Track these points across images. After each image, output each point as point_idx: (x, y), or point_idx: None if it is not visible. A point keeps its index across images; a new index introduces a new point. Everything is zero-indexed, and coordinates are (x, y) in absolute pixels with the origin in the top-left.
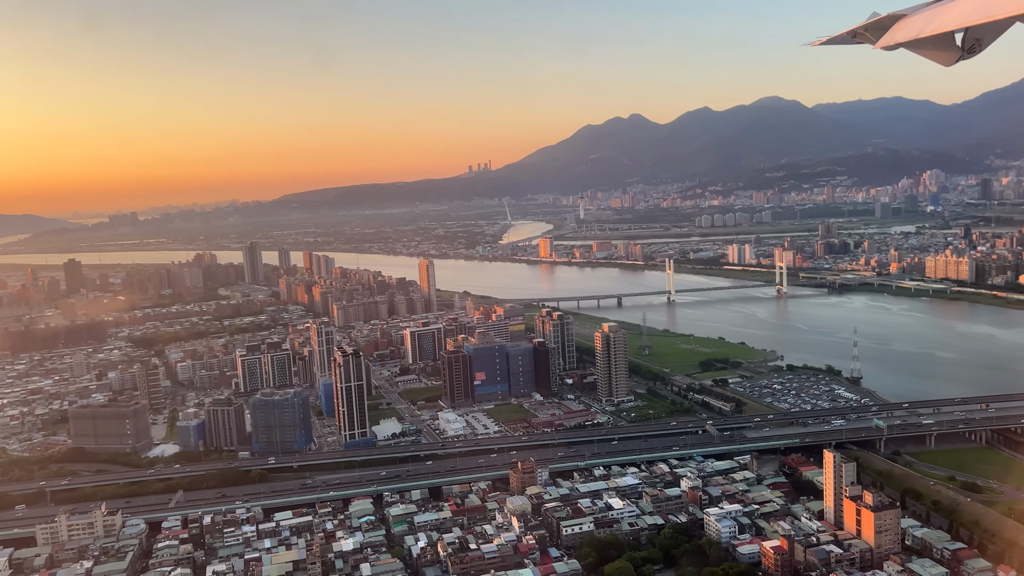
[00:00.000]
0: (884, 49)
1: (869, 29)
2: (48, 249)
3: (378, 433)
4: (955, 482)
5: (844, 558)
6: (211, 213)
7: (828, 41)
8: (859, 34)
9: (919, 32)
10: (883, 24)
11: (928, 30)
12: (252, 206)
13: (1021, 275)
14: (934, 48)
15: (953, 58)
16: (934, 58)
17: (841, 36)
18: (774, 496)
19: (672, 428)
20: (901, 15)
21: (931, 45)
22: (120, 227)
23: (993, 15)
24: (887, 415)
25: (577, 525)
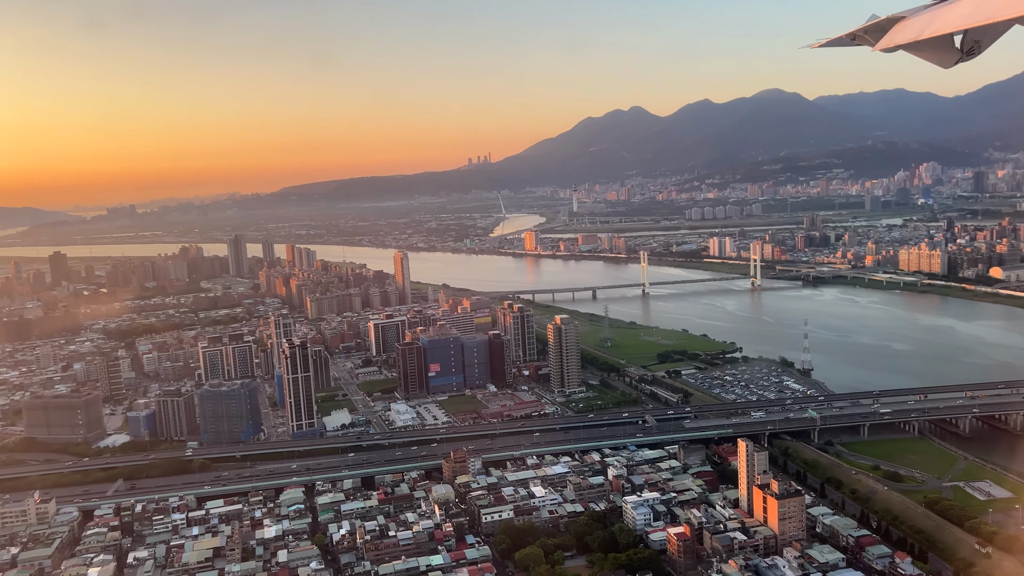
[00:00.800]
0: (883, 51)
1: (868, 31)
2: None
3: (328, 424)
4: (878, 471)
5: (748, 544)
6: (209, 206)
7: (826, 43)
8: (858, 36)
9: (918, 34)
10: (882, 26)
11: (927, 32)
12: (250, 199)
13: (991, 268)
14: (933, 50)
15: (952, 60)
16: (933, 60)
17: (840, 38)
18: (695, 485)
19: (613, 419)
20: (900, 17)
21: (930, 47)
22: (117, 220)
23: (992, 17)
24: (827, 406)
25: (497, 513)
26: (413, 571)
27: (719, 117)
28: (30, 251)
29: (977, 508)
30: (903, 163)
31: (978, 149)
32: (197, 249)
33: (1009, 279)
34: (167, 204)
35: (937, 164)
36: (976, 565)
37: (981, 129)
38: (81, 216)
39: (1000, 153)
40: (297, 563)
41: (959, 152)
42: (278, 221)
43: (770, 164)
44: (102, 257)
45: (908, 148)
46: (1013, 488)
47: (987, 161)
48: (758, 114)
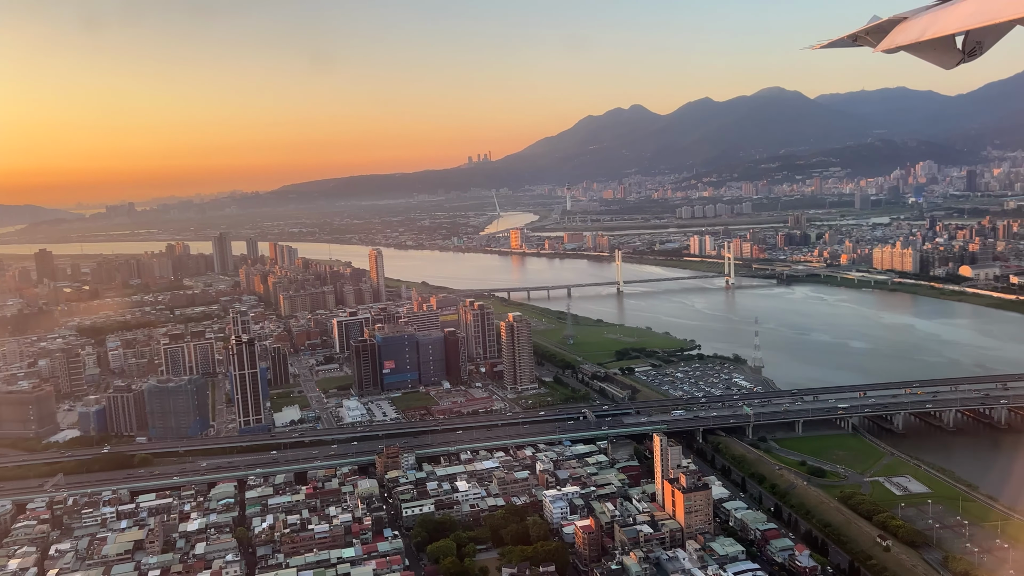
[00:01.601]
0: (885, 52)
1: (870, 32)
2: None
3: (278, 420)
4: (804, 467)
5: (653, 537)
6: (207, 204)
7: (828, 45)
8: (860, 37)
9: (920, 35)
10: (884, 27)
11: (929, 33)
12: (249, 197)
13: (961, 267)
14: (935, 51)
15: (954, 61)
16: (935, 61)
17: (841, 39)
18: (616, 479)
19: (554, 415)
20: (902, 18)
21: (932, 48)
22: (115, 218)
23: (993, 18)
24: (767, 402)
25: (418, 507)
26: (324, 563)
27: (719, 115)
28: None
29: (891, 502)
30: (901, 162)
31: (977, 148)
32: (184, 247)
33: (978, 277)
34: (167, 202)
35: (933, 163)
36: (873, 558)
37: (981, 128)
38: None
39: (998, 152)
40: (214, 555)
41: (957, 151)
42: (275, 219)
43: (768, 163)
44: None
45: (906, 146)
46: (930, 483)
47: (985, 160)
48: (758, 112)
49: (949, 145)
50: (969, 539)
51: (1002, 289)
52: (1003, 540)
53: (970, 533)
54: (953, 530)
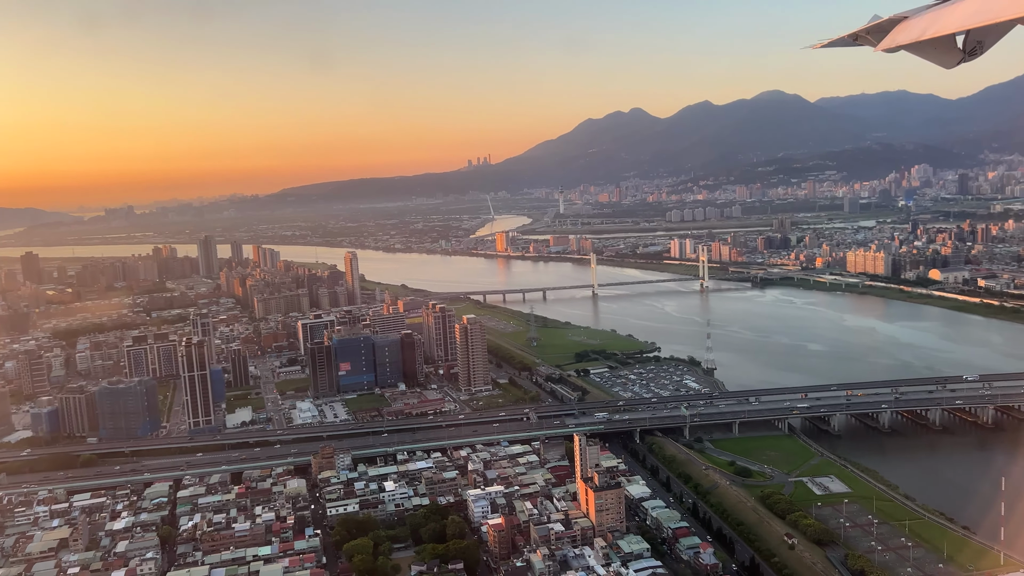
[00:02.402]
0: (885, 51)
1: (870, 31)
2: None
3: (230, 421)
4: (732, 467)
5: (564, 535)
6: (205, 207)
7: (828, 44)
8: (860, 36)
9: (920, 34)
10: (884, 27)
11: (929, 33)
12: (248, 200)
13: (931, 270)
14: (935, 50)
15: (954, 60)
16: (935, 60)
17: (842, 39)
18: (542, 479)
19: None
20: (902, 17)
21: (932, 48)
22: (114, 221)
23: (994, 18)
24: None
25: (342, 506)
26: (239, 560)
27: (719, 119)
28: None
29: (809, 502)
30: (898, 165)
31: (974, 151)
32: (171, 250)
33: (947, 280)
34: (166, 205)
35: (928, 166)
36: (776, 555)
37: (979, 131)
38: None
39: (995, 155)
40: (134, 553)
41: (955, 154)
42: (271, 222)
43: (764, 166)
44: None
45: (904, 150)
46: (853, 483)
47: (982, 163)
48: (758, 116)
49: (947, 148)
50: (876, 537)
51: (968, 292)
52: (908, 538)
53: (878, 532)
54: (863, 529)
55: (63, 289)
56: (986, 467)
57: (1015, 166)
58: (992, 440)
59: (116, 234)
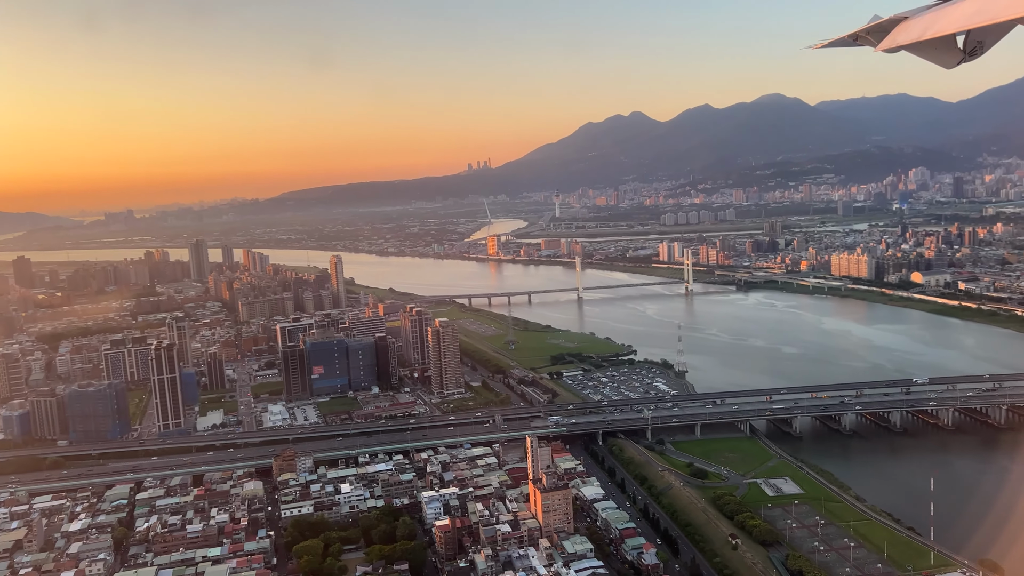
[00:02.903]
0: (886, 52)
1: (871, 32)
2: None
3: (202, 424)
4: (689, 469)
5: (511, 536)
6: (205, 211)
7: (829, 44)
8: (861, 37)
9: (921, 35)
10: (884, 27)
11: (930, 33)
12: (248, 204)
13: (913, 273)
14: (936, 51)
15: (955, 60)
16: (936, 60)
17: (842, 39)
18: (498, 480)
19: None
20: (903, 17)
21: (933, 48)
22: (113, 225)
23: (995, 18)
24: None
25: (296, 508)
26: (188, 562)
27: (718, 122)
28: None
29: (760, 503)
30: (896, 168)
31: (973, 154)
32: (163, 254)
33: (928, 283)
34: (166, 209)
35: (925, 169)
36: (719, 555)
37: (979, 134)
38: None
39: (994, 158)
40: (87, 554)
41: (953, 157)
42: (268, 226)
43: (763, 169)
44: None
45: (902, 153)
46: (806, 485)
47: (980, 166)
48: (758, 119)
49: (946, 151)
50: (821, 538)
51: (948, 295)
52: (851, 539)
53: (823, 532)
54: (809, 529)
55: (53, 293)
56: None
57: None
58: (952, 442)
59: (114, 238)
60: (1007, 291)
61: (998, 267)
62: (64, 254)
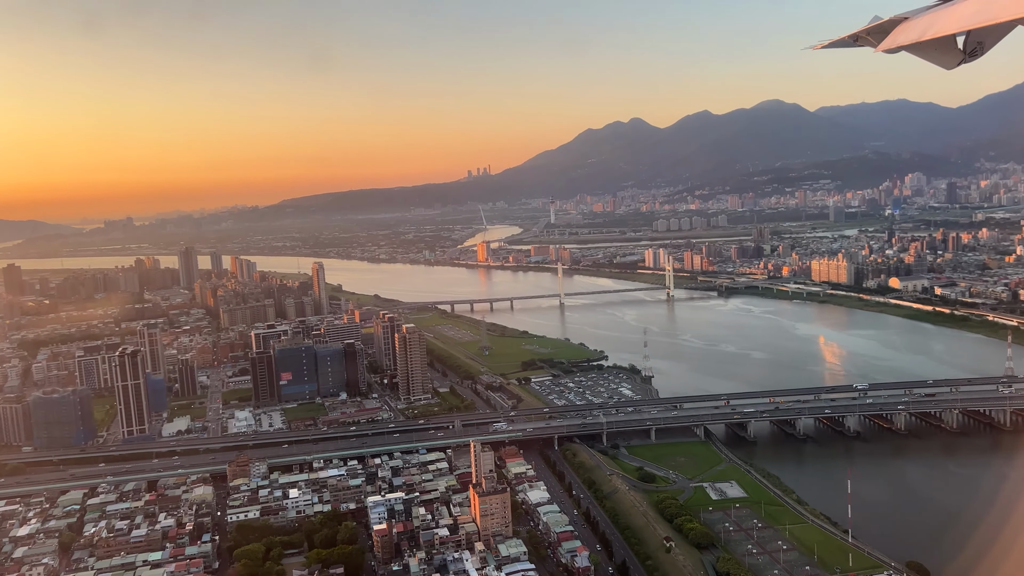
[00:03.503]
0: (886, 52)
1: (871, 32)
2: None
3: (170, 430)
4: (638, 472)
5: (449, 540)
6: (204, 219)
7: (829, 45)
8: (860, 37)
9: (921, 35)
10: (885, 27)
11: (930, 33)
12: (248, 211)
13: (891, 278)
14: (936, 51)
15: (955, 61)
16: (936, 61)
17: (842, 40)
18: (445, 485)
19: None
20: (903, 18)
21: (933, 48)
22: (112, 232)
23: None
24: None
25: (243, 513)
26: (128, 566)
27: (717, 128)
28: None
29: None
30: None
31: (971, 159)
32: (154, 261)
33: (906, 289)
34: (165, 217)
35: (922, 175)
36: (651, 558)
37: (978, 139)
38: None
39: (991, 163)
40: (31, 559)
41: (951, 162)
42: (266, 233)
43: (760, 175)
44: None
45: (900, 158)
46: (751, 488)
47: (977, 171)
48: (757, 125)
49: (944, 157)
50: (756, 541)
51: (924, 300)
52: (785, 542)
53: (759, 535)
54: (746, 532)
55: (41, 301)
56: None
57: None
58: (906, 446)
59: (112, 245)
60: (982, 296)
61: (978, 272)
62: (59, 262)
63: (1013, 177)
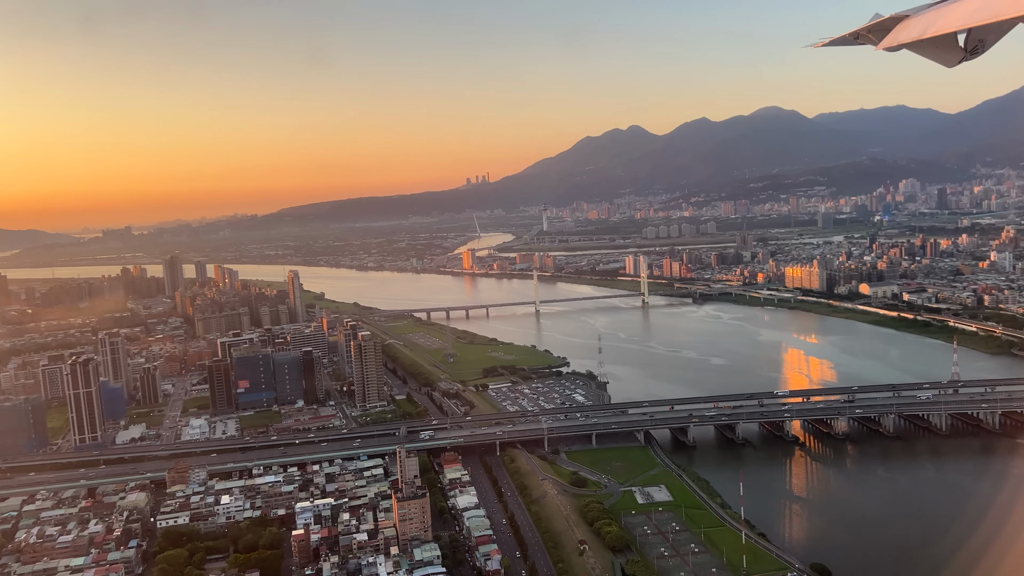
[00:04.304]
0: (887, 50)
1: (872, 30)
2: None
3: (125, 437)
4: (570, 477)
5: (367, 544)
6: (202, 228)
7: (831, 42)
8: (862, 35)
9: (922, 33)
10: (886, 25)
11: (931, 31)
12: (246, 220)
13: (861, 284)
14: (937, 49)
15: (956, 59)
16: (937, 59)
17: (843, 37)
18: (376, 491)
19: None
20: (904, 16)
21: (934, 46)
22: (110, 241)
23: (996, 16)
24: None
25: (173, 518)
26: (51, 571)
27: (715, 135)
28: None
29: (628, 510)
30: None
31: (967, 165)
32: (140, 270)
33: (875, 295)
34: (163, 226)
35: (916, 180)
36: (562, 561)
37: (974, 145)
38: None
39: (987, 169)
40: None
41: (948, 168)
42: (262, 242)
43: (756, 182)
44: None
45: (896, 164)
46: (679, 493)
47: (973, 177)
48: (755, 132)
49: (940, 163)
50: (671, 544)
51: (891, 306)
52: (698, 545)
53: (674, 539)
54: (663, 536)
55: (24, 310)
56: (820, 477)
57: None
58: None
59: (109, 255)
60: (948, 302)
61: (949, 278)
62: (49, 271)
63: (1007, 183)
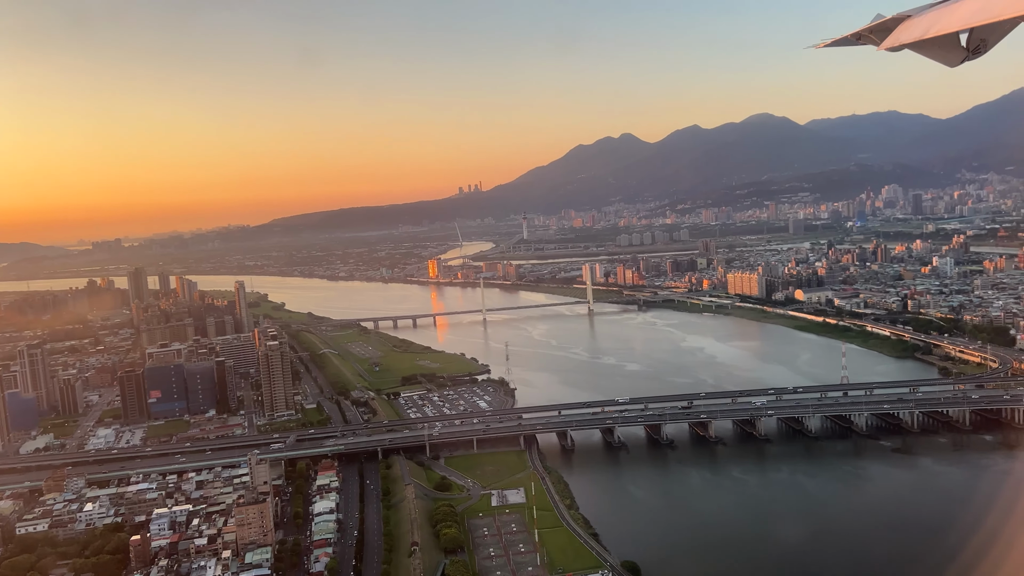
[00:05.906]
0: (888, 50)
1: (873, 31)
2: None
3: (31, 447)
4: (438, 481)
5: (205, 549)
6: (192, 239)
7: (832, 43)
8: (864, 36)
9: (924, 33)
10: (887, 26)
11: (933, 31)
12: (236, 231)
13: (797, 291)
14: (939, 49)
15: (958, 59)
16: (939, 59)
17: (845, 38)
18: (235, 497)
19: (265, 439)
20: (906, 16)
21: (936, 46)
22: (99, 254)
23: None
24: (479, 422)
25: (32, 525)
26: None
27: (707, 142)
28: None
29: (478, 512)
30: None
31: (953, 170)
32: (108, 282)
33: (809, 300)
34: (156, 238)
35: (898, 186)
36: (391, 562)
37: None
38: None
39: (972, 174)
40: None
41: (934, 173)
42: (249, 252)
43: (742, 188)
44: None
45: (882, 170)
46: (536, 496)
47: (958, 182)
48: (746, 139)
49: (926, 168)
50: (504, 544)
51: (821, 312)
52: (527, 545)
53: (509, 540)
54: (500, 537)
55: None
56: (664, 482)
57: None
58: (723, 454)
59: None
60: (875, 307)
61: (887, 284)
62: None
63: (987, 188)
